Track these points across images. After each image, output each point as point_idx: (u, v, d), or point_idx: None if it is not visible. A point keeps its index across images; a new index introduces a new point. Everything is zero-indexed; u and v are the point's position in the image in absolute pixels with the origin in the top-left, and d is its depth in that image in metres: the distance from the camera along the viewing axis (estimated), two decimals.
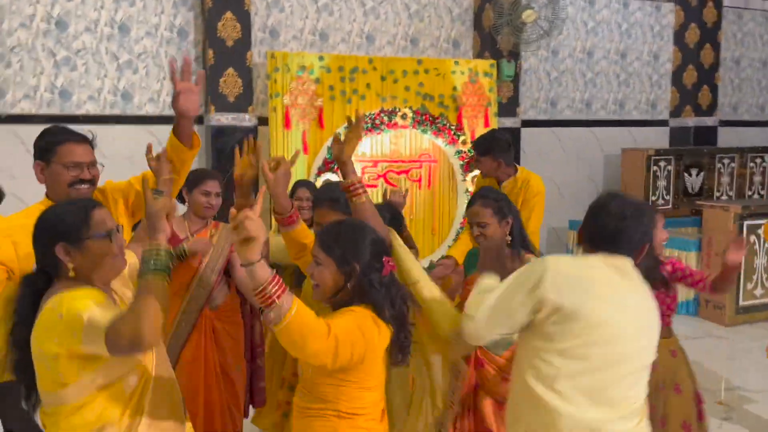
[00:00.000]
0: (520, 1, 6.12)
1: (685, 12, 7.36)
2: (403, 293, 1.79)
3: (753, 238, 5.78)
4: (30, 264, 1.74)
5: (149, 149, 2.03)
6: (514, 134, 6.50)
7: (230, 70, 5.37)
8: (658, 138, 7.47)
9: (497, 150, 3.51)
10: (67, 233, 1.57)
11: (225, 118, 5.39)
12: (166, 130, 2.81)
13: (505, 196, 2.48)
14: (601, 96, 7.19)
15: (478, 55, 6.46)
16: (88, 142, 2.16)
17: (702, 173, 7.10)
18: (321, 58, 5.43)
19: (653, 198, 6.80)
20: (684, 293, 5.74)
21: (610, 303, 1.67)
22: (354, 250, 1.69)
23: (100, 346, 1.44)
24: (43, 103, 4.96)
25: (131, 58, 5.28)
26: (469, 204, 2.45)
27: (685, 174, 7.04)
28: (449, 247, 5.71)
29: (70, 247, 1.57)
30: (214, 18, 5.29)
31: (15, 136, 4.72)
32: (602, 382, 1.65)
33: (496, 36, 6.26)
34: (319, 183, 5.29)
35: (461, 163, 5.89)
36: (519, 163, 6.24)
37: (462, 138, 5.86)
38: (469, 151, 5.80)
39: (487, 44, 6.41)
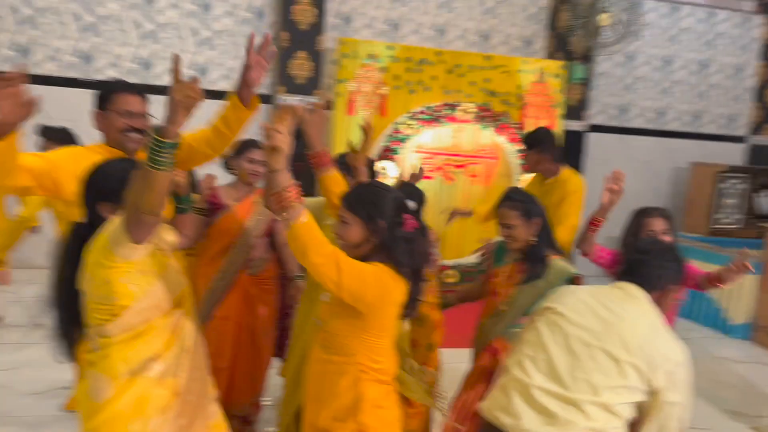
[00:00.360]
0: (597, 4, 6.08)
1: None
2: (423, 250, 1.91)
3: None
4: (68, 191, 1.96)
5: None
6: (580, 138, 6.48)
7: (302, 53, 5.60)
8: (732, 155, 7.23)
9: (542, 145, 3.53)
10: (110, 194, 1.71)
11: (292, 100, 5.62)
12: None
13: (533, 197, 2.51)
14: (676, 106, 7.02)
15: (550, 55, 6.46)
16: (142, 95, 2.29)
17: None
18: (390, 47, 5.59)
19: (717, 216, 6.59)
20: (739, 316, 5.58)
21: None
22: (378, 208, 1.81)
23: (125, 241, 1.57)
24: (127, 73, 5.37)
25: (210, 35, 5.61)
26: (497, 205, 2.48)
27: (759, 194, 6.80)
28: None
29: (111, 206, 1.71)
30: (290, 1, 5.54)
31: None
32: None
33: (569, 37, 6.25)
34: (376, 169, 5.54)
35: (521, 161, 5.91)
36: (583, 168, 6.30)
37: (522, 136, 5.88)
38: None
39: (559, 45, 6.40)
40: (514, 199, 2.41)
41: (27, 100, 1.73)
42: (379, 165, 5.49)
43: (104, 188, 1.72)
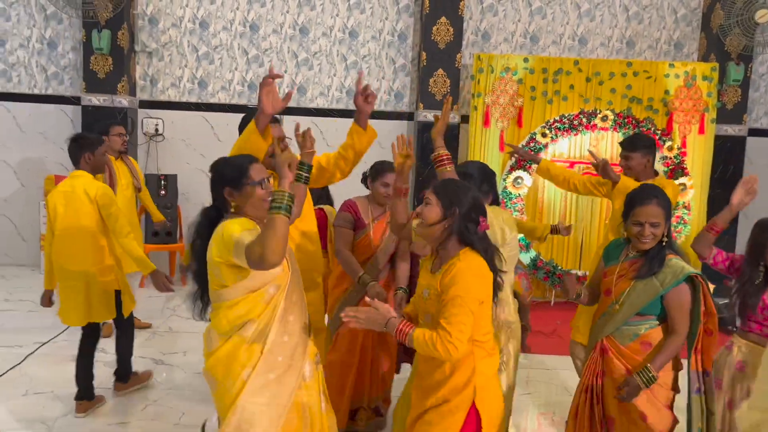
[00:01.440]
0: (754, 0, 5.93)
1: None
2: (492, 248, 2.19)
3: None
4: None
5: (297, 128, 2.54)
6: (738, 143, 6.29)
7: (440, 71, 6.16)
8: None
9: (649, 149, 3.54)
10: (231, 180, 2.16)
11: (431, 115, 6.18)
12: (381, 123, 3.92)
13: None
14: None
15: (704, 57, 6.38)
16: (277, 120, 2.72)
17: None
18: (526, 60, 5.92)
19: None
20: None
21: None
22: (457, 198, 2.10)
23: (243, 260, 1.98)
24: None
25: (357, 59, 6.39)
26: (640, 202, 2.43)
27: None
28: None
29: (233, 190, 2.15)
30: (430, 22, 6.14)
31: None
32: None
33: (724, 38, 6.14)
34: (510, 180, 5.88)
35: (665, 169, 5.91)
36: (742, 174, 6.12)
37: (668, 144, 5.87)
38: (675, 157, 5.84)
39: (713, 46, 6.30)
40: (661, 197, 2.40)
41: (283, 96, 2.41)
42: (514, 174, 5.86)
43: (226, 176, 2.19)
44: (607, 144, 5.98)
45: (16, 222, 6.38)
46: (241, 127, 2.68)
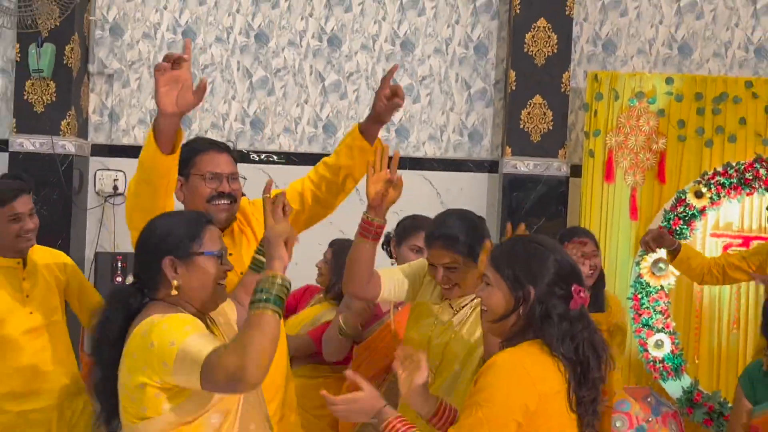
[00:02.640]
0: None
1: None
2: (594, 338, 2.14)
3: None
4: None
5: (267, 187, 2.55)
6: None
7: (537, 98, 5.89)
8: None
9: None
10: (176, 246, 2.14)
11: (524, 164, 5.92)
12: (450, 176, 5.54)
13: None
14: None
15: None
16: (229, 151, 2.84)
17: None
18: (669, 81, 5.64)
19: None
20: None
21: None
22: (529, 270, 2.09)
23: (192, 380, 1.90)
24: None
25: (412, 83, 6.21)
26: None
27: None
28: None
29: (177, 262, 2.12)
30: (522, 27, 5.93)
31: None
32: None
33: None
34: (645, 265, 5.63)
35: None
36: None
37: None
38: None
39: None
40: None
41: (197, 85, 2.33)
42: (653, 256, 5.55)
43: (169, 242, 2.20)
44: None
45: None
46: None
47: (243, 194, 3.06)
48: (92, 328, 2.34)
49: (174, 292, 2.17)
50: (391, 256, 3.65)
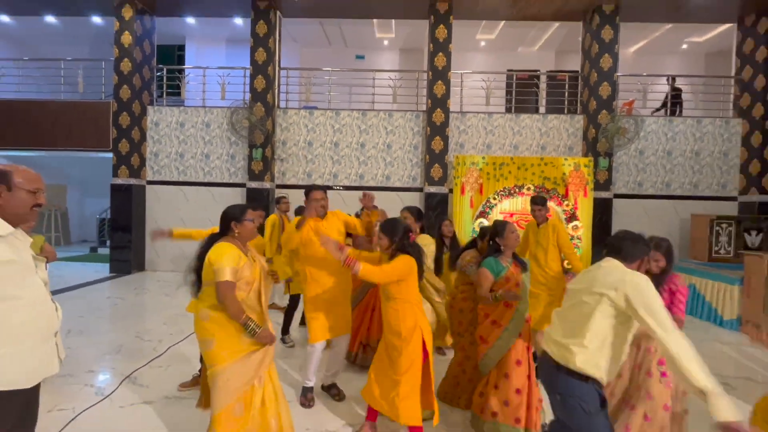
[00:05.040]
0: (614, 122, 14.79)
1: (750, 124, 15.23)
2: (420, 250, 4.78)
3: None
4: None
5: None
6: (608, 202, 14.85)
7: (436, 165, 14.64)
8: (728, 210, 14.79)
9: (546, 203, 7.56)
10: (234, 218, 4.21)
11: (432, 189, 14.52)
12: (405, 194, 13.90)
13: None
14: (678, 180, 15.37)
15: (584, 154, 15.15)
16: (322, 188, 5.64)
17: (761, 234, 14.50)
18: (483, 158, 14.42)
19: (716, 248, 14.51)
20: (727, 313, 10.82)
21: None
22: (396, 231, 4.84)
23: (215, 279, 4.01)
24: (351, 181, 15.42)
25: (392, 160, 14.97)
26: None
27: (746, 234, 14.48)
28: None
29: (235, 224, 4.17)
30: (430, 139, 14.70)
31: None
32: None
33: (596, 144, 15.08)
34: (476, 224, 14.49)
35: (565, 217, 14.44)
36: (611, 222, 15.05)
37: (566, 202, 14.17)
38: (570, 210, 14.57)
39: (590, 148, 15.12)
40: None
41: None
42: (478, 221, 14.71)
43: (231, 216, 4.23)
44: (527, 201, 14.70)
45: None
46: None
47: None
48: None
49: (236, 235, 4.10)
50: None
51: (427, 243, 6.62)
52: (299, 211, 8.29)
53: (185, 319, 9.15)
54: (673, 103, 15.59)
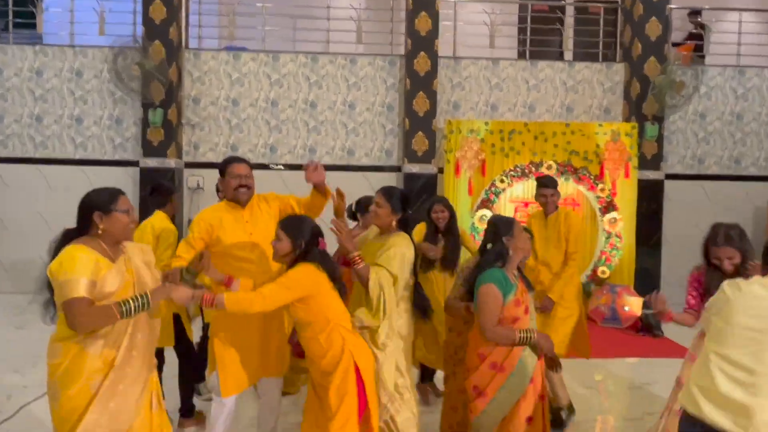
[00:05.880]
0: (666, 73, 10.73)
1: None
2: (331, 261, 4.14)
3: None
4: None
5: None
6: (658, 185, 10.93)
7: (419, 134, 10.65)
8: None
9: (556, 186, 6.18)
10: (100, 205, 3.34)
11: (414, 168, 10.62)
12: (375, 175, 9.05)
13: None
14: (751, 153, 11.39)
15: (626, 119, 11.10)
16: (246, 162, 4.69)
17: None
18: (486, 123, 10.39)
19: None
20: None
21: None
22: (301, 233, 4.02)
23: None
24: (298, 157, 10.93)
25: (355, 126, 10.92)
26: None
27: None
28: (587, 277, 10.33)
29: (102, 215, 3.31)
30: (411, 97, 10.68)
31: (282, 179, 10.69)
32: None
33: (641, 104, 10.95)
34: (477, 216, 10.22)
35: (599, 206, 10.45)
36: (663, 212, 10.80)
37: (600, 186, 10.29)
38: (607, 197, 10.39)
39: (633, 110, 11.07)
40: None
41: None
42: (480, 213, 10.41)
43: (93, 204, 3.39)
44: None
45: None
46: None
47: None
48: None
49: (101, 232, 3.37)
50: (355, 219, 6.30)
51: (399, 254, 4.64)
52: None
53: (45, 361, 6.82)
54: (697, 46, 12.40)
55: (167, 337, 5.33)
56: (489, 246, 4.43)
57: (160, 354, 5.46)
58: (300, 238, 4.05)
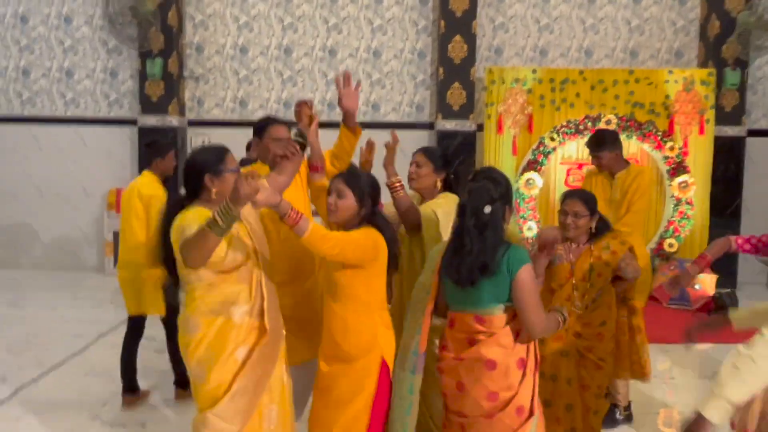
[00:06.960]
0: (752, 9, 9.09)
1: None
2: (394, 232, 3.62)
3: None
4: None
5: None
6: (738, 143, 9.37)
7: (456, 84, 9.37)
8: None
9: (613, 143, 5.24)
10: (210, 166, 3.24)
11: (450, 124, 9.39)
12: (404, 133, 7.05)
13: None
14: None
15: (702, 64, 9.53)
16: (287, 124, 4.23)
17: None
18: (534, 71, 9.06)
19: None
20: None
21: None
22: (366, 189, 3.47)
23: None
24: (322, 113, 9.67)
25: (381, 77, 9.67)
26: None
27: None
28: (652, 251, 8.85)
29: (213, 177, 3.21)
30: (446, 41, 9.37)
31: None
32: None
33: (721, 46, 9.35)
34: (522, 180, 8.96)
35: (668, 168, 8.96)
36: (743, 175, 9.23)
37: (669, 144, 8.90)
38: (677, 156, 8.92)
39: (711, 54, 9.45)
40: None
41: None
42: (526, 176, 9.05)
43: (203, 166, 3.29)
44: None
45: (84, 230, 9.77)
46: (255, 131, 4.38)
47: None
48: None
49: (214, 197, 3.19)
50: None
51: (447, 207, 4.17)
52: (244, 162, 5.89)
53: (42, 340, 7.36)
54: None
55: (156, 304, 5.17)
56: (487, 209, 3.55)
57: (140, 324, 5.42)
58: (365, 196, 3.59)
